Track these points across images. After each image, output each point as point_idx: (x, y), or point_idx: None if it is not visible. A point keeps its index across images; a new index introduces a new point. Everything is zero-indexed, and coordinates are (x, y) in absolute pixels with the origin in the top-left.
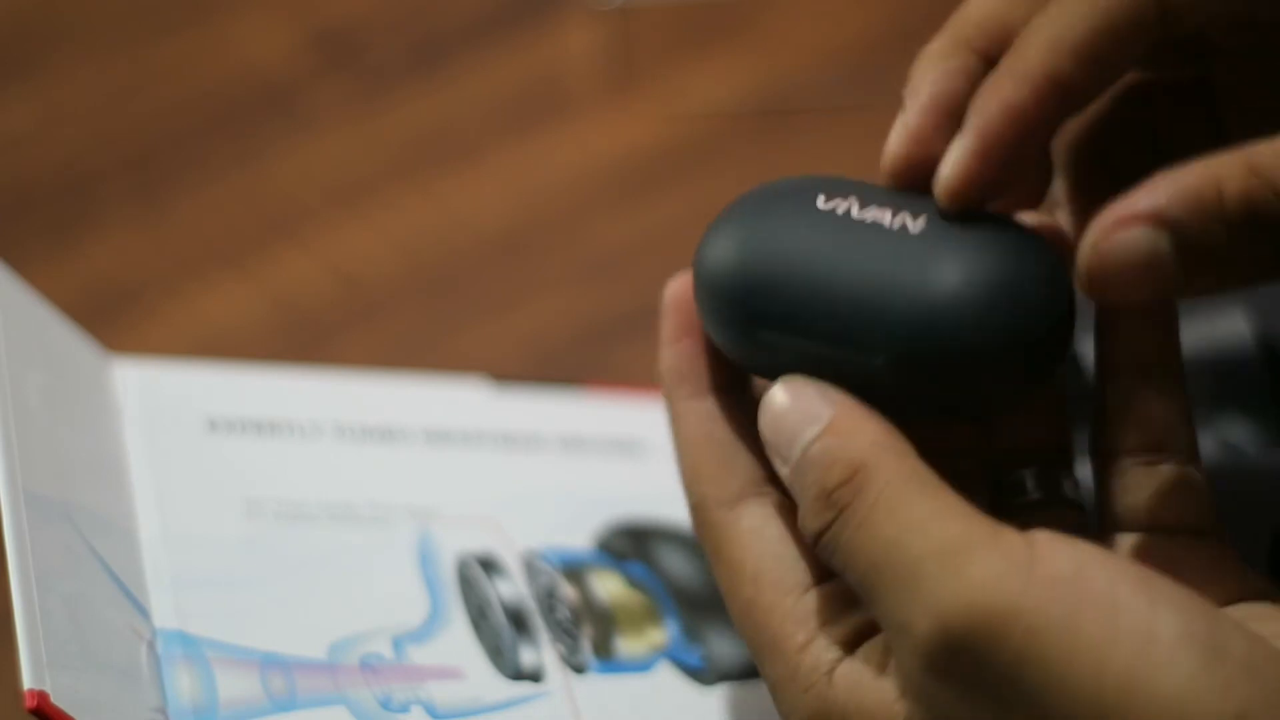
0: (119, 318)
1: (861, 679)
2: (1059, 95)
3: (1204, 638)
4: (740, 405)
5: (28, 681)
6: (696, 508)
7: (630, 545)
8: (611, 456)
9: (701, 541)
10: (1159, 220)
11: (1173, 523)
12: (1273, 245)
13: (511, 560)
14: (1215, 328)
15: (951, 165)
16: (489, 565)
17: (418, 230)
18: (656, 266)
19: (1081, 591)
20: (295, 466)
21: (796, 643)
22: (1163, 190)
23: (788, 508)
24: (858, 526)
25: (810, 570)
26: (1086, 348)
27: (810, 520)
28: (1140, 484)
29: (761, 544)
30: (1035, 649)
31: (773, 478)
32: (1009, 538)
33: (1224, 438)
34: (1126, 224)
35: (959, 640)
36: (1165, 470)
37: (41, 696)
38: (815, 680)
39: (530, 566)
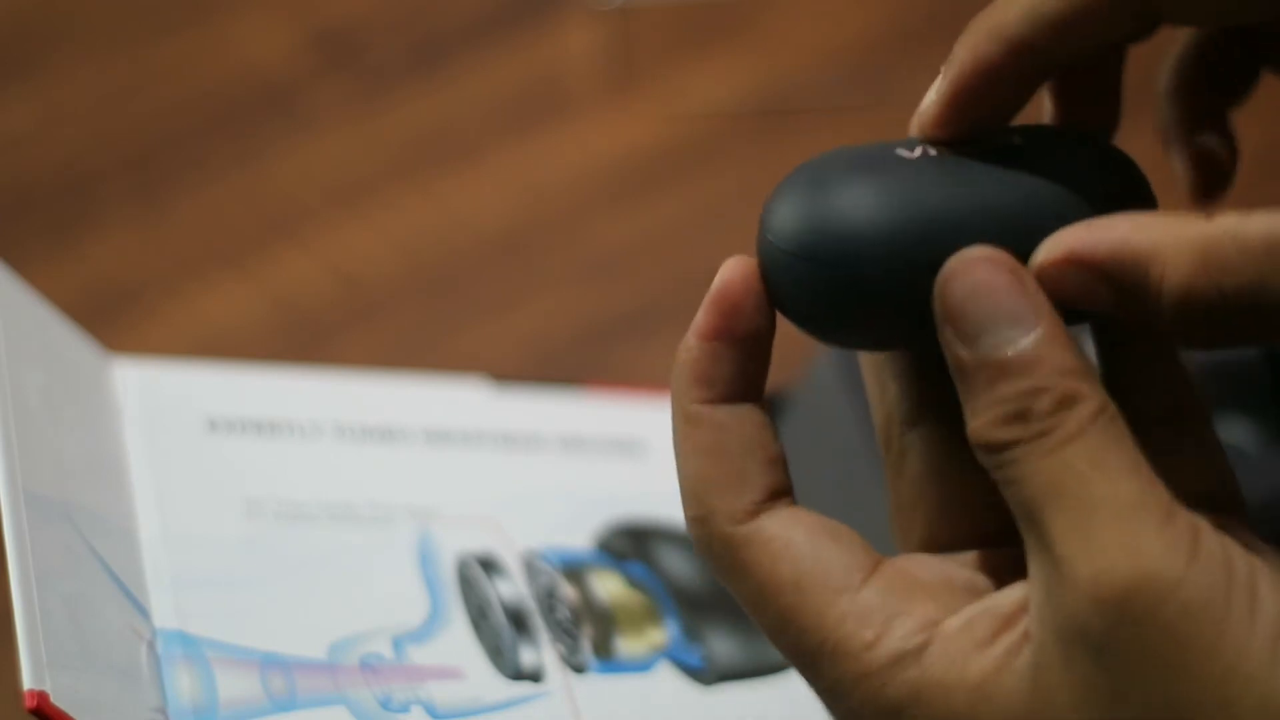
0: (119, 318)
1: (963, 651)
2: (1031, 58)
3: None
4: (756, 413)
5: (28, 682)
6: (702, 520)
7: (630, 545)
8: (611, 456)
9: (708, 557)
10: (1101, 277)
11: (1200, 497)
12: (1211, 332)
13: (511, 560)
14: None
15: (926, 105)
16: (489, 565)
17: (418, 230)
18: (656, 266)
19: (1231, 579)
20: (295, 466)
21: (864, 639)
22: (1106, 247)
23: (805, 514)
24: (1050, 452)
25: (856, 567)
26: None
27: (995, 430)
28: (1166, 457)
29: (795, 549)
30: (1186, 625)
31: (786, 490)
32: (1181, 513)
33: (1224, 438)
34: (1070, 264)
35: (1122, 595)
36: (1189, 442)
37: (41, 696)
38: (901, 671)
39: (530, 566)
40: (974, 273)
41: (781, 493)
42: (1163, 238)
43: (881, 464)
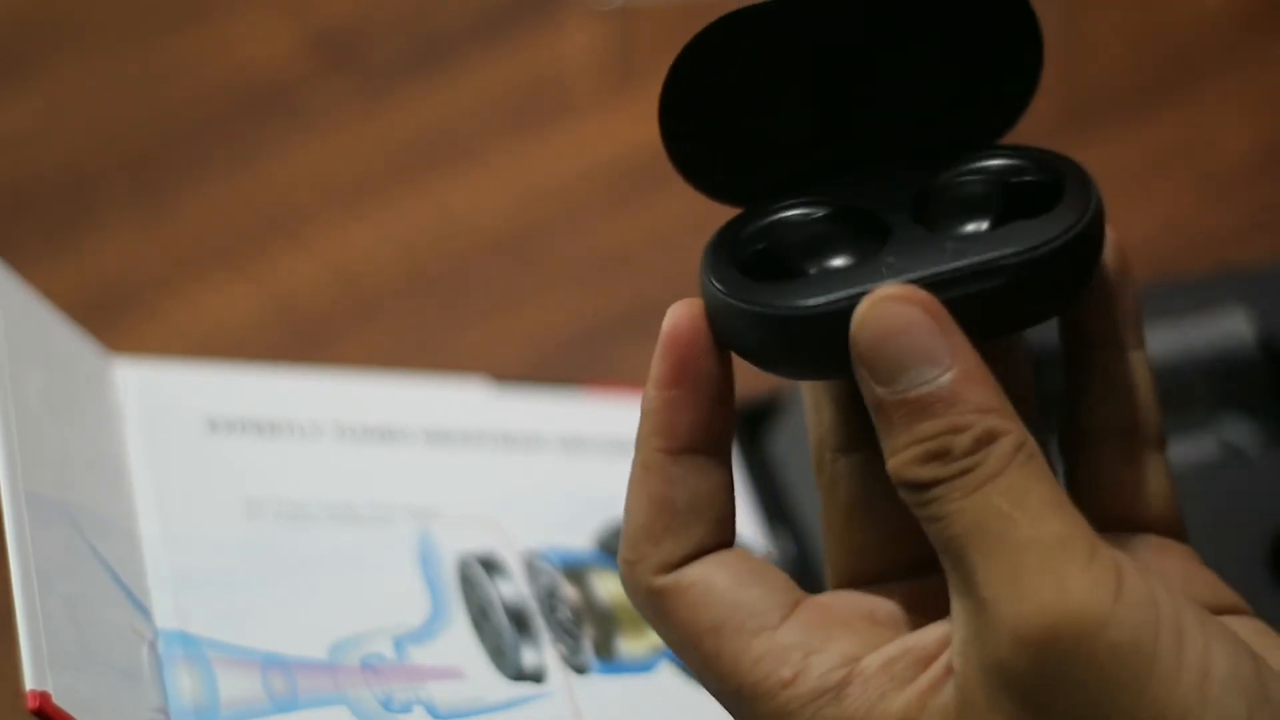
0: (119, 318)
1: (882, 689)
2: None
3: (1248, 680)
4: (713, 468)
5: (30, 682)
6: (630, 565)
7: None
8: (612, 456)
9: (635, 603)
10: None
11: (1144, 519)
12: None
13: (512, 560)
14: (1217, 328)
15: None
16: (490, 565)
17: (418, 230)
18: (656, 266)
19: (1158, 617)
20: (296, 466)
21: (781, 678)
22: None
23: (731, 557)
24: (972, 491)
25: (775, 607)
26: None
27: (915, 469)
28: (1113, 470)
29: (714, 595)
30: (1113, 665)
31: (725, 544)
32: (1105, 551)
33: (1224, 438)
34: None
35: (1048, 637)
36: (1138, 457)
37: (43, 697)
38: (821, 709)
39: (531, 566)
40: (887, 313)
41: (719, 546)
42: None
43: None
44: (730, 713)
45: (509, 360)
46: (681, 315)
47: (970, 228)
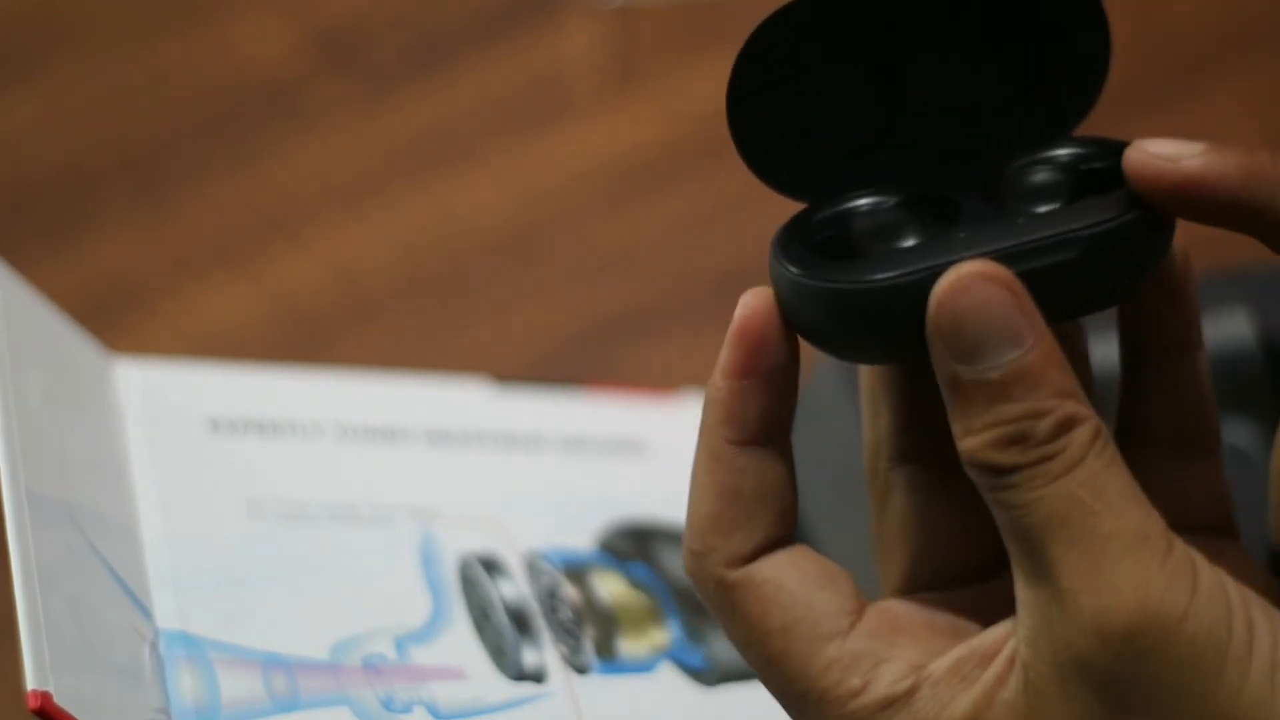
0: (121, 318)
1: (951, 691)
2: None
3: None
4: (778, 459)
5: (31, 682)
6: (700, 556)
7: (632, 546)
8: (613, 457)
9: (703, 595)
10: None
11: (1198, 521)
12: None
13: (514, 561)
14: (1219, 329)
15: None
16: (491, 566)
17: (418, 230)
18: (656, 266)
19: (1230, 610)
20: (297, 467)
21: (850, 687)
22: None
23: (800, 555)
24: (1054, 480)
25: (844, 612)
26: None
27: (993, 452)
28: (1169, 477)
29: (785, 595)
30: (1192, 658)
31: (789, 539)
32: (1179, 545)
33: (1227, 440)
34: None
35: (1128, 630)
36: (1195, 463)
37: (45, 697)
38: (889, 716)
39: (532, 567)
40: (970, 289)
41: (784, 541)
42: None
43: None
44: (790, 713)
45: (509, 360)
46: (754, 305)
47: (1043, 209)
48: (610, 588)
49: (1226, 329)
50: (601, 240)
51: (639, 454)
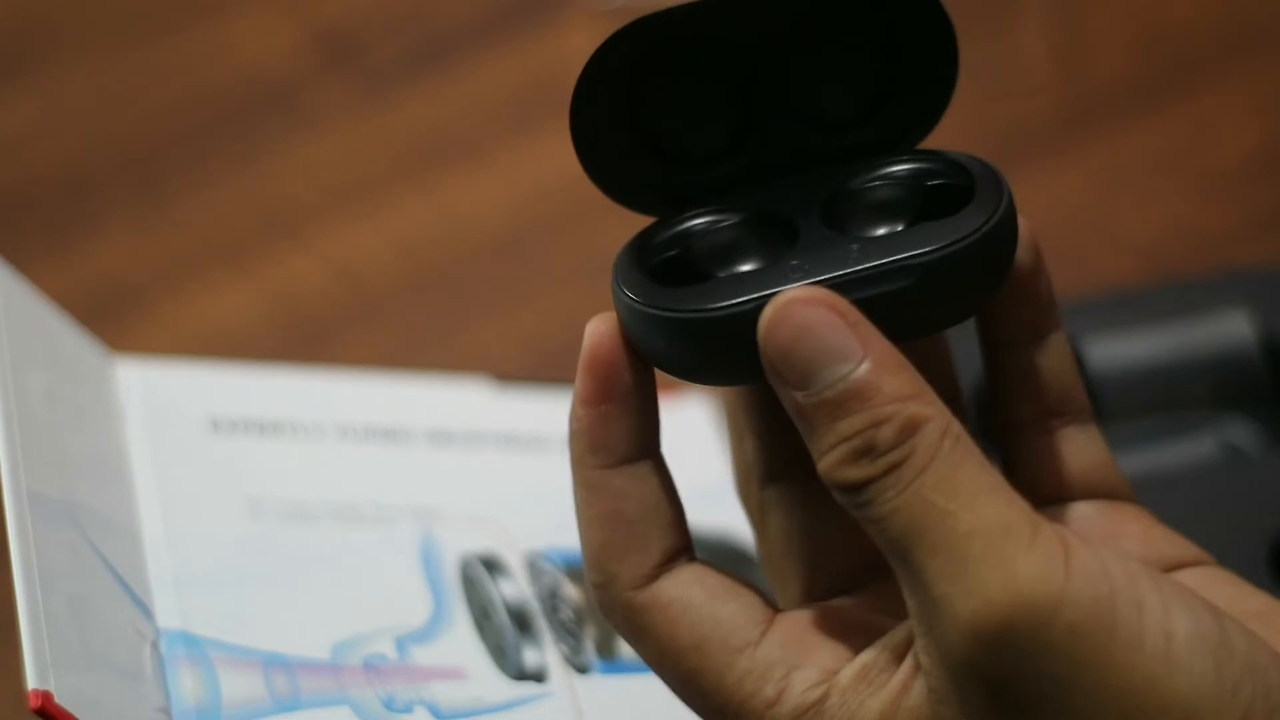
0: (122, 318)
1: (859, 697)
2: None
3: (1213, 638)
4: (652, 473)
5: (32, 681)
6: (603, 587)
7: None
8: None
9: (612, 623)
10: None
11: (1090, 488)
12: None
13: (514, 560)
14: (1217, 329)
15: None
16: (492, 565)
17: (419, 230)
18: None
19: (1113, 589)
20: (298, 466)
21: (765, 698)
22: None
23: (703, 572)
24: (905, 487)
25: (753, 623)
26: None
27: (844, 470)
28: (1049, 452)
29: (692, 612)
30: (1075, 645)
31: (685, 548)
32: (1047, 529)
33: (1225, 438)
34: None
35: (1004, 627)
36: (1071, 433)
37: (46, 696)
38: None
39: (533, 567)
40: (791, 316)
41: (680, 551)
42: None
43: None
44: None
45: (510, 360)
46: (600, 330)
47: (882, 231)
48: None
49: (1226, 329)
50: (602, 240)
51: None
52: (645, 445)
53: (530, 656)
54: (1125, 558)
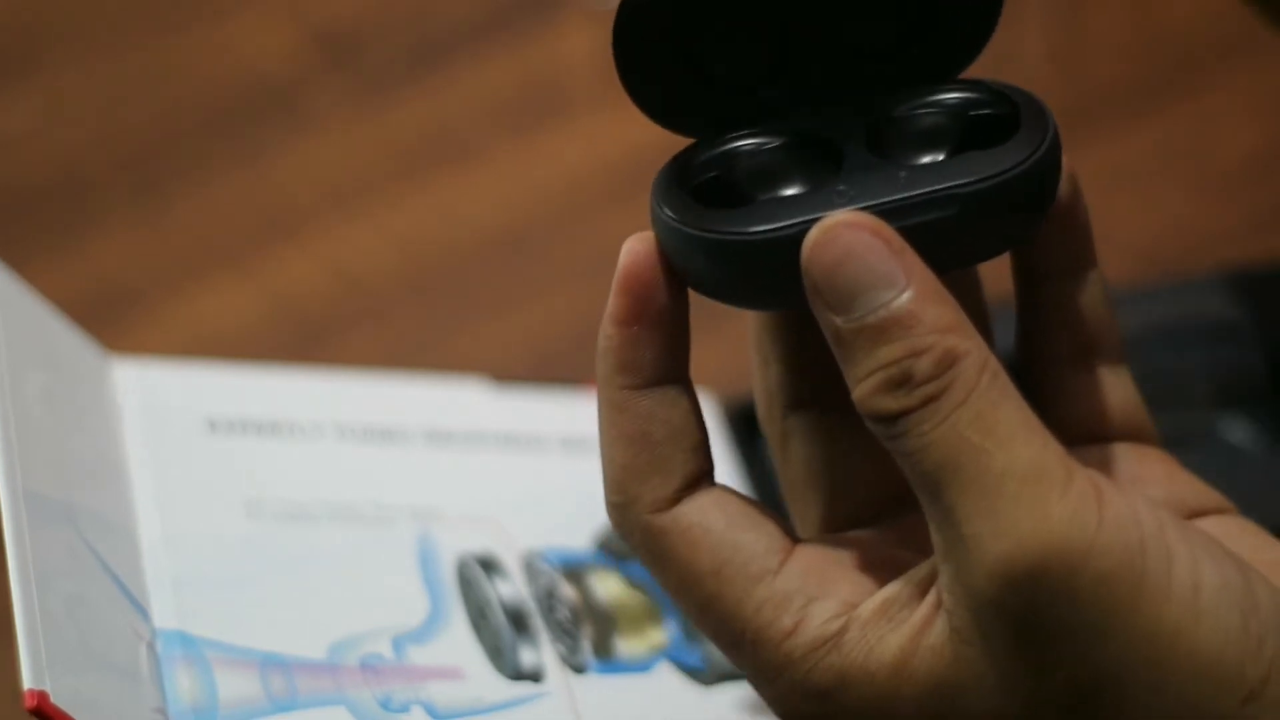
0: (119, 318)
1: (879, 633)
2: None
3: (1239, 590)
4: (680, 397)
5: (28, 681)
6: (623, 507)
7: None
8: None
9: (630, 544)
10: None
11: (1118, 429)
12: None
13: (511, 560)
14: (1217, 329)
15: None
16: (489, 565)
17: (418, 230)
18: None
19: (1143, 538)
20: (296, 467)
21: (783, 627)
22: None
23: (724, 497)
24: (941, 422)
25: (773, 551)
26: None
27: (879, 399)
28: (1081, 389)
29: (712, 537)
30: (1104, 592)
31: (707, 473)
32: (1081, 474)
33: (1224, 438)
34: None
35: (1033, 570)
36: (1103, 373)
37: (41, 696)
38: (822, 657)
39: (530, 567)
40: (837, 239)
41: (702, 476)
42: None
43: None
44: (726, 654)
45: (509, 360)
46: (636, 250)
47: (926, 159)
48: (608, 587)
49: (1226, 329)
50: (601, 240)
51: None
52: (675, 368)
53: (527, 656)
54: (1155, 506)
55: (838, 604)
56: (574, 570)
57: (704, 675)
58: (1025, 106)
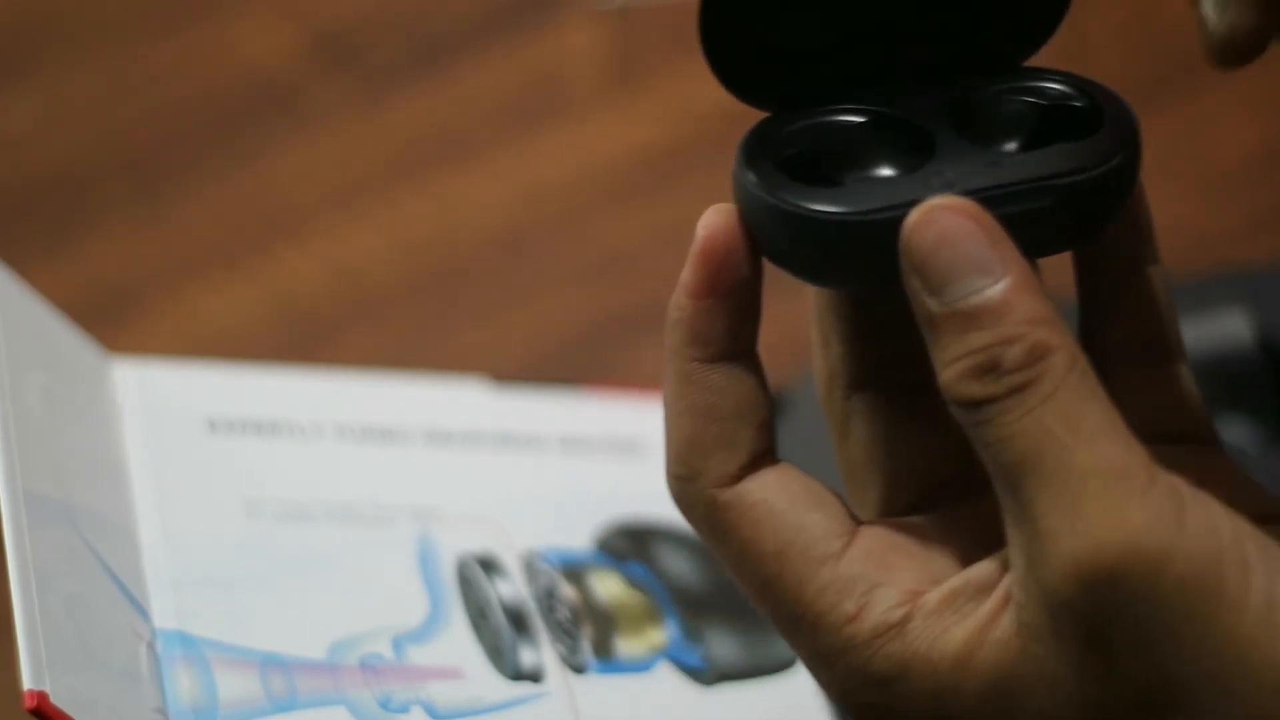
0: (119, 318)
1: (944, 624)
2: None
3: None
4: (749, 372)
5: (27, 682)
6: (687, 480)
7: (630, 545)
8: (611, 456)
9: (690, 519)
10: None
11: (1178, 429)
12: None
13: (511, 560)
14: (1216, 329)
15: None
16: (489, 565)
17: (418, 230)
18: (657, 266)
19: (1221, 546)
20: (295, 467)
21: (845, 612)
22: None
23: (789, 476)
24: (1026, 413)
25: (836, 534)
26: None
27: (966, 384)
28: (1146, 387)
29: (777, 516)
30: (1181, 599)
31: (770, 451)
32: (1163, 478)
33: (1225, 438)
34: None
35: (1111, 572)
36: (1168, 370)
37: (41, 697)
38: (885, 644)
39: (530, 567)
40: (940, 221)
41: (766, 454)
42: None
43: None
44: (782, 634)
45: (509, 360)
46: (717, 223)
47: (1010, 146)
48: (608, 587)
49: (1226, 329)
50: (601, 240)
51: (637, 454)
52: (745, 343)
53: (527, 656)
54: (1234, 515)
55: (901, 591)
56: (574, 570)
57: (704, 675)
58: (1105, 99)
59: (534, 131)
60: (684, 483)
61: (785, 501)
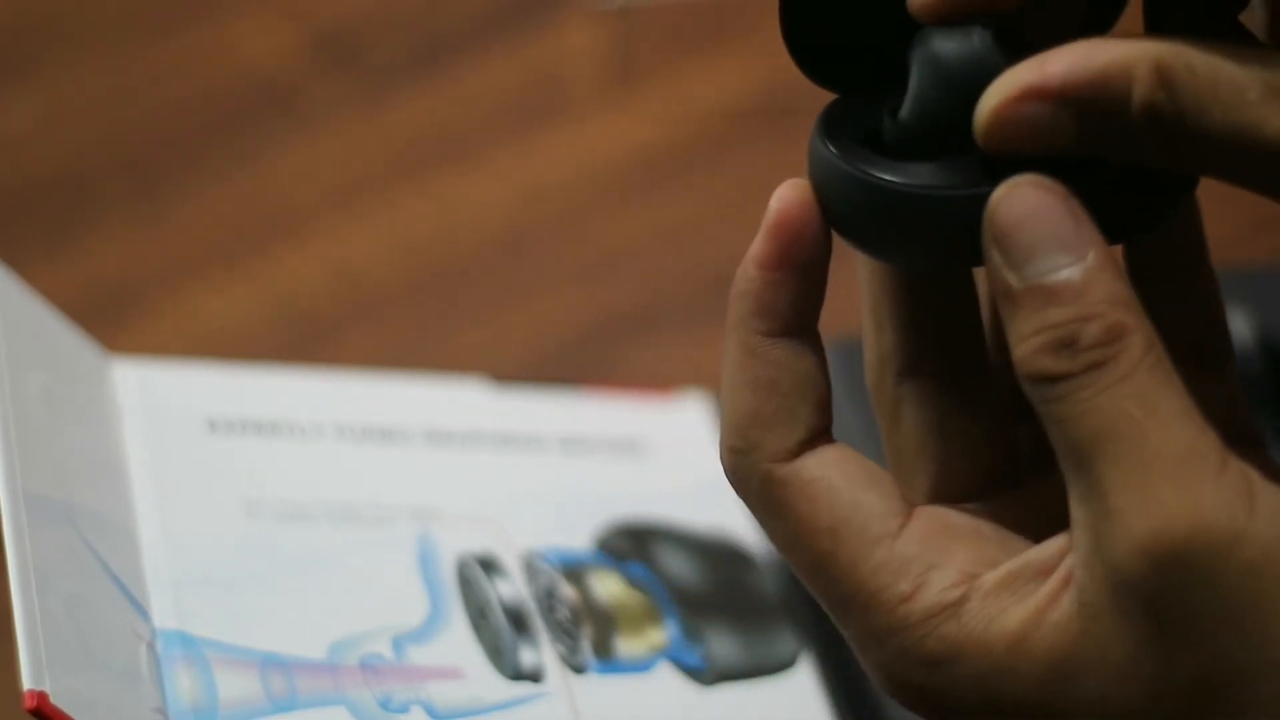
0: (119, 318)
1: (1001, 605)
2: None
3: None
4: (811, 349)
5: (27, 682)
6: (743, 453)
7: (630, 545)
8: (611, 457)
9: (742, 493)
10: (1063, 99)
11: (1225, 428)
12: (1169, 156)
13: (511, 560)
14: None
15: None
16: (489, 565)
17: (418, 230)
18: (657, 266)
19: None
20: (295, 467)
21: (900, 592)
22: (1074, 68)
23: (845, 454)
24: (1101, 391)
25: (892, 514)
26: None
27: (1041, 359)
28: (1195, 387)
29: (833, 494)
30: (1249, 582)
31: (827, 430)
32: (1233, 462)
33: None
34: (1030, 98)
35: (1179, 551)
36: (1214, 372)
37: (41, 697)
38: (939, 625)
39: (530, 567)
40: (1025, 197)
41: (822, 432)
42: (1125, 51)
43: (884, 460)
44: (831, 613)
45: (509, 360)
46: (791, 197)
47: None
48: (608, 587)
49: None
50: (601, 240)
51: (637, 454)
52: (810, 319)
53: (527, 656)
54: None
55: (957, 573)
56: (574, 570)
57: (704, 675)
58: None
59: (534, 131)
60: (740, 456)
61: (841, 480)
